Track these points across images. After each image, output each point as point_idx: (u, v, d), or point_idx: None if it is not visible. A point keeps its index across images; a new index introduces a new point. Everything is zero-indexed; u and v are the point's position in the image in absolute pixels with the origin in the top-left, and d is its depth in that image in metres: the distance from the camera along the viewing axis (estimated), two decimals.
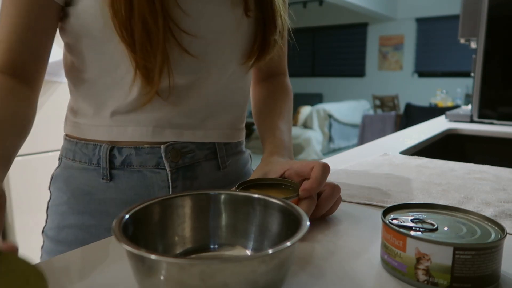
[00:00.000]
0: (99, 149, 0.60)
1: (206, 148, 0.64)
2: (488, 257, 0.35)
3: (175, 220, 0.40)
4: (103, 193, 0.61)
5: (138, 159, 0.60)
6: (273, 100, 0.74)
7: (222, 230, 0.41)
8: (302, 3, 8.24)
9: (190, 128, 0.61)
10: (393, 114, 4.93)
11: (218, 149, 0.65)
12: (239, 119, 0.69)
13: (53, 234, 0.64)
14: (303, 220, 0.35)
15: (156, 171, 0.60)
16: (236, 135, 0.68)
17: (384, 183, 0.69)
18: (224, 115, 0.65)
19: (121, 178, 0.61)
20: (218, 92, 0.63)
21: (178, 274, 0.29)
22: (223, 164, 0.66)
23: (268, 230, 0.40)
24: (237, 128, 0.68)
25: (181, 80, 0.58)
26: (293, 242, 0.31)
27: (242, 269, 0.29)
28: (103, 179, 0.61)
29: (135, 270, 0.32)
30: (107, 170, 0.60)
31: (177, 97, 0.59)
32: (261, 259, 0.30)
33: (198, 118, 0.62)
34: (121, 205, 0.61)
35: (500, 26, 1.26)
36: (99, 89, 0.59)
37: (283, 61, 0.79)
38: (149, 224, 0.38)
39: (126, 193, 0.61)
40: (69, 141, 0.64)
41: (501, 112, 1.33)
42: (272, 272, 0.31)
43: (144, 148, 0.60)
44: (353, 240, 0.46)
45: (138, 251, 0.29)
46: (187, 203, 0.41)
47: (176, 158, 0.61)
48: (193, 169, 0.63)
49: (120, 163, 0.60)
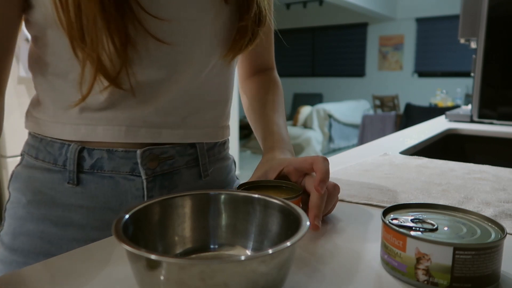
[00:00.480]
0: (66, 149, 0.54)
1: (187, 154, 0.59)
2: (488, 257, 0.35)
3: (175, 220, 0.40)
4: (68, 198, 0.55)
5: (110, 164, 0.54)
6: (265, 94, 0.71)
7: (222, 230, 0.41)
8: (302, 3, 8.24)
9: (168, 127, 0.56)
10: (393, 114, 4.93)
11: (200, 155, 0.60)
12: (222, 116, 0.64)
13: (8, 240, 0.57)
14: (303, 220, 0.35)
15: (130, 178, 0.55)
16: (220, 133, 0.64)
17: (384, 183, 0.69)
18: (207, 112, 0.60)
19: (89, 183, 0.54)
20: (199, 87, 0.57)
21: (178, 274, 0.29)
22: (204, 172, 0.61)
23: (268, 230, 0.40)
24: (221, 126, 0.63)
25: (156, 74, 0.53)
26: (293, 242, 0.31)
27: (242, 269, 0.29)
28: (69, 183, 0.54)
29: (135, 270, 0.32)
30: (74, 173, 0.54)
31: (152, 92, 0.53)
32: (261, 259, 0.30)
33: (178, 116, 0.56)
34: (88, 213, 0.55)
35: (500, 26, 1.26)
36: (65, 83, 0.53)
37: (270, 54, 0.76)
38: (149, 224, 0.38)
39: (94, 200, 0.55)
40: (33, 137, 0.57)
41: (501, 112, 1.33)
42: (272, 272, 0.31)
43: (117, 152, 0.54)
44: (353, 240, 0.46)
45: (138, 251, 0.29)
46: (187, 203, 0.41)
47: (154, 164, 0.55)
48: (172, 177, 0.57)
49: (90, 166, 0.54)
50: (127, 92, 0.52)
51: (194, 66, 0.55)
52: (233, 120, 4.23)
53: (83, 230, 0.55)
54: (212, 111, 0.61)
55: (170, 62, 0.53)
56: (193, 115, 0.58)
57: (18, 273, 0.39)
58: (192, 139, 0.58)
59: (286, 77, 8.65)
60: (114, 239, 0.46)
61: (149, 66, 0.52)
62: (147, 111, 0.54)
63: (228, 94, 0.64)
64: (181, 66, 0.54)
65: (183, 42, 0.53)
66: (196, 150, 0.60)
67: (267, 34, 0.72)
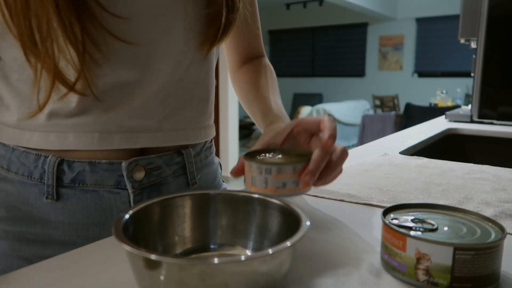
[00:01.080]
0: (43, 161, 0.50)
1: (174, 163, 0.56)
2: (488, 257, 0.35)
3: (175, 220, 0.41)
4: (47, 214, 0.51)
5: (93, 177, 0.50)
6: (258, 78, 0.69)
7: (222, 230, 0.42)
8: (302, 3, 8.24)
9: (146, 131, 0.52)
10: (393, 114, 4.93)
11: (187, 163, 0.58)
12: (204, 116, 0.60)
13: None
14: (303, 220, 0.35)
15: (114, 191, 0.52)
16: (203, 134, 0.60)
17: (384, 183, 0.69)
18: (186, 113, 0.56)
19: (70, 198, 0.51)
20: (176, 87, 0.54)
21: (178, 274, 0.29)
22: (192, 180, 0.59)
23: (268, 230, 0.40)
24: (203, 126, 0.60)
25: (128, 75, 0.49)
26: (294, 242, 0.31)
27: (242, 269, 0.29)
28: (48, 198, 0.50)
29: (135, 270, 0.32)
30: (54, 187, 0.50)
31: (125, 95, 0.50)
32: (262, 259, 0.30)
33: (155, 118, 0.53)
34: (70, 230, 0.51)
35: (500, 26, 1.26)
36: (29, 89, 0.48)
37: (259, 42, 0.74)
38: (149, 224, 0.38)
39: (76, 216, 0.51)
40: (4, 146, 0.52)
41: (501, 112, 1.33)
42: (273, 272, 0.31)
43: (101, 164, 0.50)
44: (353, 240, 0.46)
45: (138, 251, 0.29)
46: (187, 203, 0.41)
47: (140, 176, 0.52)
48: (159, 188, 0.55)
49: (70, 180, 0.50)
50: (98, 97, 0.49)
51: (168, 64, 0.52)
52: (233, 120, 4.23)
53: (65, 247, 0.51)
54: (192, 111, 0.57)
55: (142, 62, 0.50)
56: (172, 116, 0.55)
57: (18, 273, 0.39)
58: (172, 141, 0.55)
59: (286, 77, 8.64)
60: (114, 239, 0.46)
61: (119, 67, 0.49)
62: (120, 115, 0.50)
63: (208, 91, 0.60)
64: (154, 65, 0.51)
65: (154, 39, 0.50)
66: (184, 158, 0.57)
67: (253, 21, 0.70)
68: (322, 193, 0.63)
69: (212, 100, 0.62)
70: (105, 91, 0.49)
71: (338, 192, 0.63)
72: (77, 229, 0.52)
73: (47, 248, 0.51)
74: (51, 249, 0.51)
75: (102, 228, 0.52)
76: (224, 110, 4.15)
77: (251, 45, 0.73)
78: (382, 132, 4.75)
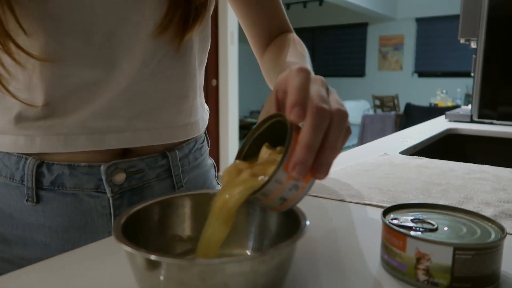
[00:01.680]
0: (24, 164, 0.49)
1: (158, 166, 0.54)
2: (488, 257, 0.35)
3: (175, 220, 0.40)
4: (28, 217, 0.50)
5: (72, 180, 0.49)
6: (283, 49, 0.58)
7: None
8: (302, 3, 8.24)
9: (112, 132, 0.50)
10: (393, 114, 4.93)
11: (172, 166, 0.55)
12: (181, 114, 0.56)
13: None
14: (302, 220, 0.35)
15: (94, 195, 0.51)
16: (182, 133, 0.56)
17: (384, 183, 0.69)
18: (160, 111, 0.53)
19: (50, 201, 0.50)
20: (146, 84, 0.51)
21: (178, 274, 0.29)
22: (178, 184, 0.56)
23: (267, 230, 0.40)
24: (181, 125, 0.56)
25: (91, 74, 0.47)
26: (293, 242, 0.31)
27: (242, 269, 0.29)
28: (28, 201, 0.50)
29: (135, 270, 0.32)
30: (33, 190, 0.49)
31: (88, 95, 0.48)
32: (261, 259, 0.30)
33: (122, 118, 0.50)
34: (50, 233, 0.50)
35: (500, 26, 1.26)
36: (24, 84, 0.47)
37: (282, 16, 0.65)
38: (148, 224, 0.38)
39: (56, 219, 0.50)
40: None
41: (501, 112, 1.32)
42: (272, 272, 0.31)
43: (80, 167, 0.49)
44: (353, 240, 0.46)
45: (137, 251, 0.29)
46: (187, 203, 0.41)
47: (120, 179, 0.51)
48: (142, 192, 0.53)
49: (50, 183, 0.50)
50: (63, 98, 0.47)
51: (134, 60, 0.49)
52: (233, 120, 4.23)
53: (47, 249, 0.51)
54: (167, 109, 0.54)
55: (105, 60, 0.47)
56: (142, 116, 0.52)
57: (15, 275, 0.39)
58: (142, 142, 0.52)
59: None
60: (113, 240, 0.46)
61: (82, 66, 0.47)
62: (85, 116, 0.49)
63: (185, 87, 0.56)
64: (120, 62, 0.48)
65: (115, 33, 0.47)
66: (169, 160, 0.55)
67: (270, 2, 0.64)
68: (322, 193, 0.63)
69: (194, 96, 0.58)
70: (69, 92, 0.47)
71: (338, 192, 0.63)
72: (57, 232, 0.51)
73: (28, 249, 0.51)
74: (32, 251, 0.51)
75: (83, 232, 0.51)
76: (224, 110, 4.15)
77: (272, 22, 0.65)
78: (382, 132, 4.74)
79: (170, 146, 0.56)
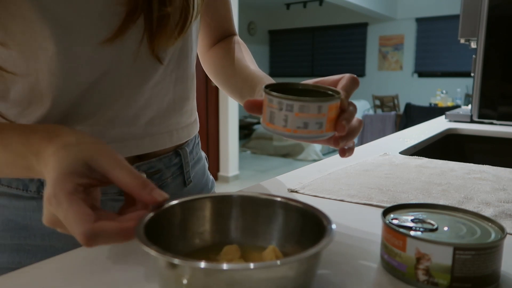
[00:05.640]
0: None
1: (173, 164, 0.56)
2: (488, 257, 0.35)
3: (195, 222, 0.40)
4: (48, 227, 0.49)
5: None
6: (233, 53, 0.65)
7: (243, 232, 0.40)
8: (302, 3, 8.24)
9: (132, 139, 0.51)
10: (393, 114, 4.93)
11: (184, 162, 0.58)
12: (186, 114, 0.59)
13: None
14: (327, 223, 0.34)
15: (118, 198, 0.51)
16: (187, 132, 0.60)
17: (384, 183, 0.69)
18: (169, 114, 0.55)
19: None
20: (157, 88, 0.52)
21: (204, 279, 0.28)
22: (188, 179, 0.59)
23: (289, 233, 0.39)
24: (187, 124, 0.59)
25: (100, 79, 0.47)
26: (322, 248, 0.30)
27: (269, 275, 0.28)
28: None
29: (159, 273, 0.31)
30: None
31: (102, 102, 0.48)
32: (290, 265, 0.29)
33: (140, 125, 0.51)
34: (72, 239, 0.46)
35: (500, 26, 1.26)
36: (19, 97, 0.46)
37: (230, 20, 0.71)
38: (169, 226, 0.38)
39: None
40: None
41: (501, 112, 1.33)
42: (300, 278, 0.30)
43: None
44: (353, 240, 0.46)
45: (164, 256, 0.28)
46: (207, 205, 0.40)
47: None
48: None
49: None
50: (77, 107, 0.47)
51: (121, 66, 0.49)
52: (233, 120, 4.23)
53: None
54: (174, 112, 0.56)
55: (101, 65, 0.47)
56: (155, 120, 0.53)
57: (17, 274, 0.39)
58: (159, 146, 0.54)
59: (285, 77, 8.64)
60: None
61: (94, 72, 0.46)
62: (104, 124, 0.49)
63: (188, 89, 0.58)
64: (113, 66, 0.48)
65: None
66: (181, 158, 0.58)
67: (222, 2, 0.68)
68: (322, 193, 0.63)
69: (193, 96, 0.61)
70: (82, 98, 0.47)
71: (338, 192, 0.63)
72: None
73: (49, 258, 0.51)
74: None
75: None
76: (224, 110, 4.15)
77: (222, 27, 0.69)
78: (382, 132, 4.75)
79: (179, 144, 0.58)
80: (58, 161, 0.34)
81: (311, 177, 0.72)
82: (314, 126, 0.41)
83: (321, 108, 0.41)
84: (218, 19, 0.69)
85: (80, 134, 0.38)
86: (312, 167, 0.81)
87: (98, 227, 0.32)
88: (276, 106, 0.41)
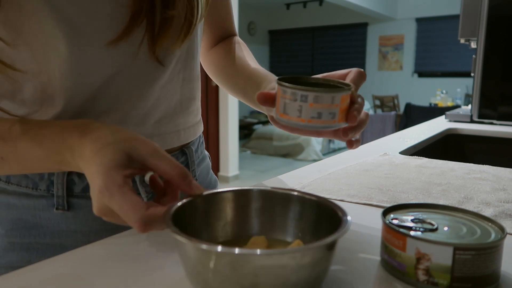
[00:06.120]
0: (49, 173, 0.49)
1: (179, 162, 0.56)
2: (488, 257, 0.35)
3: (217, 214, 0.41)
4: (57, 225, 0.51)
5: None
6: (234, 53, 0.66)
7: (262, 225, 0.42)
8: (302, 3, 8.24)
9: None
10: (393, 114, 4.93)
11: (190, 161, 0.59)
12: (193, 114, 0.60)
13: None
14: (343, 215, 0.35)
15: None
16: (193, 131, 0.61)
17: (384, 183, 0.69)
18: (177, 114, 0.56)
19: (82, 207, 0.50)
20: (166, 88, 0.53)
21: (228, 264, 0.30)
22: (194, 178, 0.57)
23: (308, 226, 0.40)
24: (193, 124, 0.60)
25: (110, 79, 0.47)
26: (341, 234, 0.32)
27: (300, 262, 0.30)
28: (58, 209, 0.50)
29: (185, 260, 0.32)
30: (64, 198, 0.49)
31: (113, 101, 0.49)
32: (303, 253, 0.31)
33: (150, 124, 0.52)
34: (82, 238, 0.51)
35: (500, 26, 1.26)
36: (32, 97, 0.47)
37: (231, 21, 0.72)
38: (192, 218, 0.39)
39: (88, 224, 0.51)
40: None
41: (501, 112, 1.32)
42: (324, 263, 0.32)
43: None
44: (353, 240, 0.46)
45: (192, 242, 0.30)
46: (228, 198, 0.41)
47: None
48: None
49: (81, 189, 0.50)
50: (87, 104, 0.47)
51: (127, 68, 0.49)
52: (233, 120, 4.23)
53: None
54: (182, 112, 0.57)
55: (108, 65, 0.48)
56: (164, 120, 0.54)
57: (27, 270, 0.39)
58: (168, 145, 0.55)
59: None
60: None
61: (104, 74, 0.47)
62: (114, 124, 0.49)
63: (194, 90, 0.59)
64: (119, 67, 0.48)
65: None
66: (187, 157, 0.59)
67: (223, 2, 0.69)
68: (322, 193, 0.63)
69: (199, 96, 0.62)
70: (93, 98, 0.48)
71: (338, 192, 0.63)
72: (89, 236, 0.51)
73: None
74: None
75: (115, 233, 0.51)
76: (224, 110, 4.15)
77: (222, 28, 0.71)
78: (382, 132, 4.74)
79: (186, 143, 0.59)
80: (102, 156, 0.37)
81: (311, 177, 0.72)
82: (328, 116, 0.43)
83: (334, 98, 0.43)
84: (218, 20, 0.70)
85: (110, 126, 0.41)
86: (312, 167, 0.81)
87: (152, 214, 0.35)
88: (291, 97, 0.43)
